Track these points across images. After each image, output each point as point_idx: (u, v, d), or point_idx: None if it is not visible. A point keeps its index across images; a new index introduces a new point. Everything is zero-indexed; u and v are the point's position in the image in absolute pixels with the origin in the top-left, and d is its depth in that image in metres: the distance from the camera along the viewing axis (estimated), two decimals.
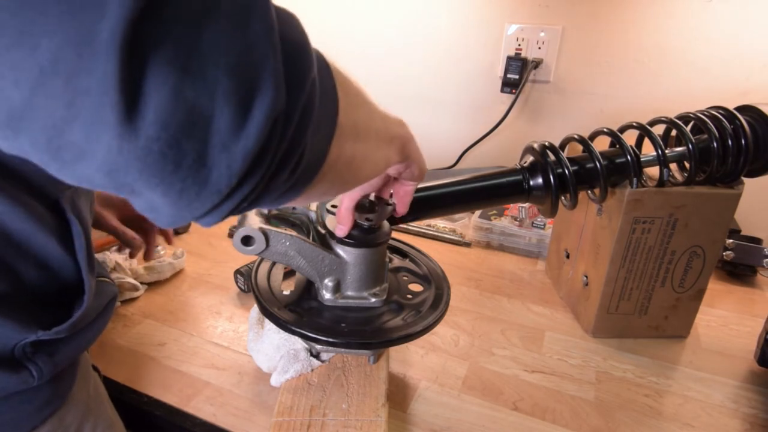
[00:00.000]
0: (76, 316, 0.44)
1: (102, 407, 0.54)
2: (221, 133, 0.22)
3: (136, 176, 0.22)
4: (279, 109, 0.23)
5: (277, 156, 0.25)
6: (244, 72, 0.22)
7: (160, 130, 0.21)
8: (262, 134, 0.23)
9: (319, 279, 0.58)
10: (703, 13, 1.00)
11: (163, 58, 0.20)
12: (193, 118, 0.21)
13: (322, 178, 0.31)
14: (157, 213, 0.25)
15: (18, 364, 0.42)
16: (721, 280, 0.95)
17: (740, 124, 0.67)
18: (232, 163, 0.23)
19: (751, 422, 0.64)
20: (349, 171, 0.35)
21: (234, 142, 0.22)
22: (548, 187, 0.65)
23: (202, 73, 0.21)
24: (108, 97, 0.20)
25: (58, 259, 0.44)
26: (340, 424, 0.55)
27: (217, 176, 0.23)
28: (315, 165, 0.29)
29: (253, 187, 0.25)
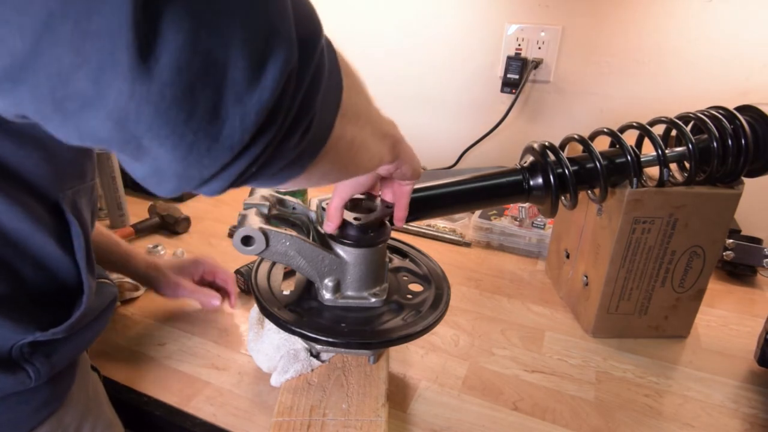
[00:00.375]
0: (75, 317, 0.44)
1: (101, 408, 0.54)
2: (236, 84, 0.22)
3: (147, 126, 0.21)
4: (293, 65, 0.23)
5: (289, 117, 0.24)
6: (261, 25, 0.22)
7: (175, 74, 0.20)
8: (276, 89, 0.23)
9: (319, 279, 0.58)
10: (703, 13, 1.00)
11: (178, 7, 0.19)
12: (208, 66, 0.20)
13: (325, 156, 0.30)
14: (161, 177, 0.24)
15: (15, 365, 0.42)
16: (721, 280, 0.95)
17: (740, 124, 0.67)
18: (246, 116, 0.22)
19: (751, 422, 0.64)
20: (349, 155, 0.35)
21: (249, 94, 0.22)
22: (548, 187, 0.65)
23: (218, 21, 0.20)
24: (121, 39, 0.19)
25: (56, 260, 0.43)
26: (340, 424, 0.55)
27: (229, 130, 0.22)
28: (321, 137, 0.29)
29: (263, 147, 0.24)
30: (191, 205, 1.15)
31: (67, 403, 0.48)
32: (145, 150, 0.22)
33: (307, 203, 0.63)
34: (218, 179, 0.25)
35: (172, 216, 1.02)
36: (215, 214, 1.13)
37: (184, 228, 1.03)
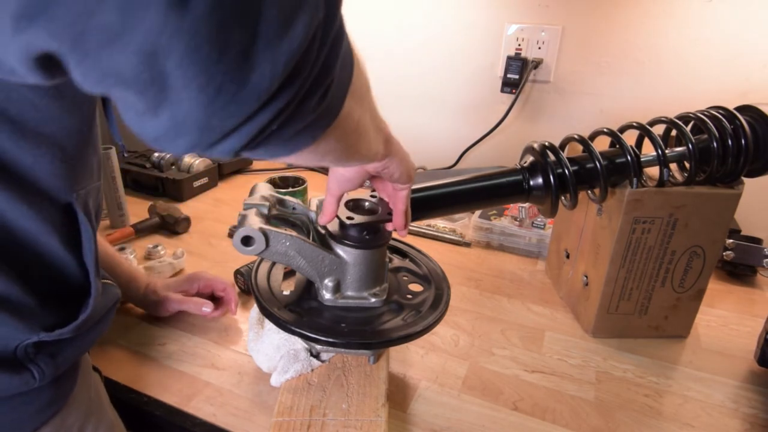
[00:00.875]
0: (82, 318, 0.44)
1: (103, 408, 0.54)
2: (270, 28, 0.21)
3: (177, 63, 0.20)
4: (320, 20, 0.23)
5: (312, 74, 0.25)
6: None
7: (211, 9, 0.19)
8: (305, 39, 0.22)
9: (319, 279, 0.58)
10: (702, 13, 1.00)
11: None
12: (245, 6, 0.20)
13: (334, 131, 0.30)
14: (180, 129, 0.23)
15: (19, 365, 0.42)
16: (721, 280, 0.95)
17: (740, 124, 0.67)
18: (276, 63, 0.22)
19: (751, 422, 0.64)
20: (354, 136, 0.35)
21: (280, 40, 0.22)
22: (548, 187, 0.65)
23: None
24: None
25: (64, 261, 0.43)
26: (340, 424, 0.55)
27: (258, 76, 0.22)
28: (335, 106, 0.29)
29: (286, 102, 0.24)
30: (191, 205, 1.16)
31: (69, 404, 0.48)
32: (167, 94, 0.21)
33: (307, 203, 0.63)
34: (238, 134, 0.24)
35: (172, 216, 1.02)
36: (215, 214, 1.13)
37: (184, 228, 1.03)
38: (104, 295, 0.50)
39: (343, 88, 0.29)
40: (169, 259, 0.89)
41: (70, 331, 0.43)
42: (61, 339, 0.43)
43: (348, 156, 0.37)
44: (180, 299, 0.74)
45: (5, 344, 0.41)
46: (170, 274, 0.87)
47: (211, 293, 0.78)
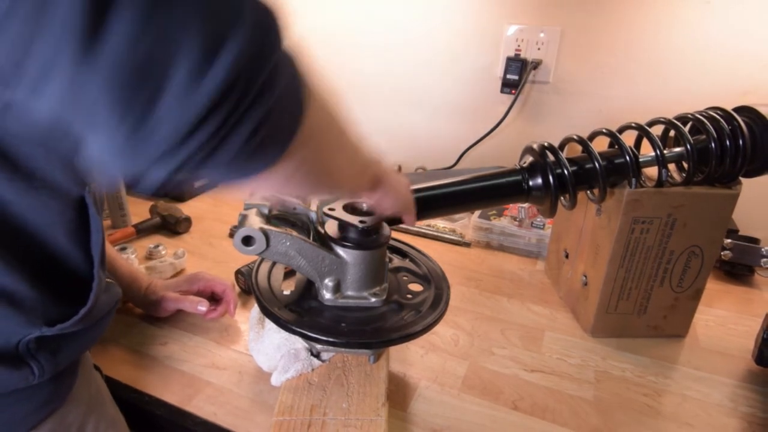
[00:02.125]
0: (82, 312, 0.44)
1: (104, 406, 0.55)
2: (177, 85, 0.22)
3: (86, 110, 0.21)
4: (238, 77, 0.23)
5: (236, 111, 0.25)
6: (217, 24, 0.22)
7: (121, 57, 0.20)
8: (219, 88, 0.23)
9: (320, 279, 0.58)
10: (702, 13, 1.00)
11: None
12: (154, 58, 0.21)
13: (278, 170, 0.30)
14: (104, 163, 0.24)
15: (20, 361, 0.42)
16: (719, 279, 0.96)
17: (738, 124, 0.67)
18: (184, 113, 0.23)
19: (749, 421, 0.64)
20: (314, 171, 0.35)
21: (188, 94, 0.22)
22: (547, 188, 0.66)
23: (173, 11, 0.21)
24: (73, 20, 0.19)
25: (70, 253, 0.44)
26: (341, 424, 0.55)
27: (165, 125, 0.23)
28: (273, 153, 0.29)
29: (204, 140, 0.24)
30: (192, 205, 1.16)
31: (69, 402, 0.48)
32: (86, 134, 0.23)
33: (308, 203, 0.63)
34: (159, 167, 0.25)
35: (173, 216, 1.03)
36: (216, 214, 1.13)
37: (184, 228, 1.04)
38: (107, 293, 0.50)
39: (287, 126, 0.29)
40: (170, 259, 0.89)
41: (70, 326, 0.44)
42: (62, 335, 0.44)
43: (312, 190, 0.38)
44: (176, 298, 0.74)
45: (7, 339, 0.41)
46: (171, 273, 0.87)
47: (211, 294, 0.78)
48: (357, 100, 1.37)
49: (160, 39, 0.21)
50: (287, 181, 0.33)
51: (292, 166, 0.31)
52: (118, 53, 0.20)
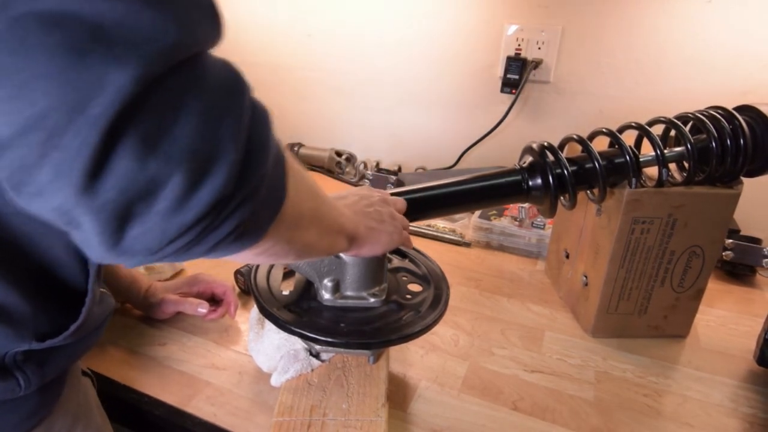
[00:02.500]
0: (72, 328, 0.44)
1: (91, 414, 0.54)
2: (166, 207, 0.24)
3: (85, 221, 0.24)
4: (220, 200, 0.26)
5: (206, 233, 0.27)
6: (201, 164, 0.24)
7: (116, 196, 0.23)
8: (199, 216, 0.25)
9: (319, 279, 0.58)
10: (703, 13, 1.00)
11: (136, 139, 0.22)
12: (145, 192, 0.23)
13: (256, 249, 0.33)
14: (89, 249, 0.26)
15: (6, 372, 0.41)
16: (720, 279, 0.96)
17: (739, 124, 0.67)
18: (165, 232, 0.25)
19: (750, 422, 0.64)
20: (286, 250, 0.37)
21: (173, 217, 0.25)
22: (547, 188, 0.66)
23: (165, 156, 0.23)
24: (78, 162, 0.22)
25: (66, 266, 0.43)
26: (340, 424, 0.55)
27: (152, 238, 0.25)
28: (250, 239, 0.31)
29: (176, 249, 0.27)
30: None
31: (57, 410, 0.47)
32: (78, 229, 0.25)
33: None
34: (137, 262, 0.27)
35: None
36: None
37: None
38: (100, 304, 0.49)
39: (267, 217, 0.31)
40: None
41: (60, 341, 0.43)
42: (51, 348, 0.43)
43: (292, 259, 0.40)
44: (176, 300, 0.74)
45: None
46: (171, 273, 0.87)
47: (211, 296, 0.78)
48: (357, 101, 1.37)
49: (151, 180, 0.23)
50: (258, 257, 0.35)
51: (267, 245, 0.33)
52: (113, 193, 0.23)
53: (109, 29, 0.21)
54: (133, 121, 0.22)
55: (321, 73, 1.38)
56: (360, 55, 1.31)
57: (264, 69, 1.42)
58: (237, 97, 0.26)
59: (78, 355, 0.50)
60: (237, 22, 1.40)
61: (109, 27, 0.21)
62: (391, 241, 0.54)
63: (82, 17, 0.21)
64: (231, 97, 0.26)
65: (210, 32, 0.25)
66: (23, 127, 0.21)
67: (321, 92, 1.40)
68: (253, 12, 1.38)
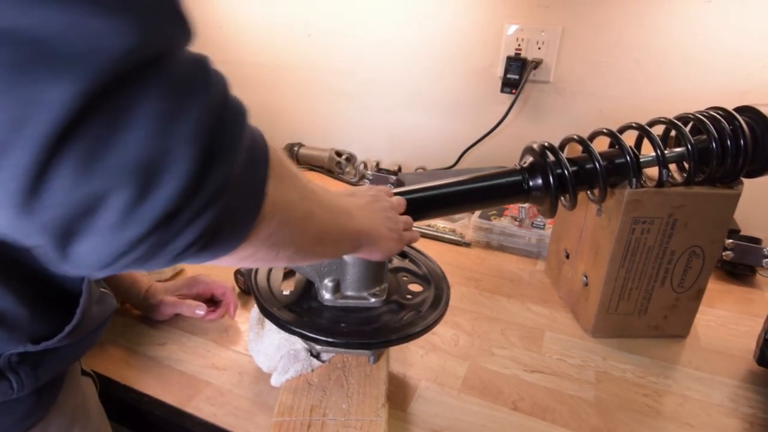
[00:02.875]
0: (67, 330, 0.43)
1: (88, 415, 0.54)
2: (111, 220, 0.23)
3: (35, 239, 0.23)
4: (170, 212, 0.24)
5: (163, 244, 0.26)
6: (148, 176, 0.23)
7: (56, 214, 0.22)
8: (146, 231, 0.24)
9: (319, 279, 0.58)
10: (702, 13, 1.00)
11: (76, 156, 0.21)
12: (86, 209, 0.23)
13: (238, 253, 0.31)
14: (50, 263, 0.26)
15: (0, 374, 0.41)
16: (720, 280, 0.96)
17: (739, 124, 0.67)
18: (114, 247, 0.24)
19: (750, 422, 0.64)
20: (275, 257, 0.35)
21: (118, 233, 0.24)
22: (548, 188, 0.66)
23: (107, 171, 0.22)
24: (16, 182, 0.21)
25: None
26: (341, 424, 0.55)
27: (100, 254, 0.24)
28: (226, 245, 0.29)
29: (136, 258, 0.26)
30: None
31: (53, 412, 0.47)
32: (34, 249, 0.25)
33: None
34: (92, 274, 0.27)
35: None
36: None
37: None
38: (100, 304, 0.49)
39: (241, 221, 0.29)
40: None
41: (55, 343, 0.43)
42: (45, 350, 0.43)
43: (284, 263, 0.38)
44: (174, 302, 0.74)
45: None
46: (171, 273, 0.87)
47: (211, 297, 0.78)
48: (357, 101, 1.37)
49: (92, 196, 0.22)
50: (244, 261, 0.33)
51: (248, 251, 0.31)
52: (53, 211, 0.22)
53: (51, 43, 0.20)
54: (74, 137, 0.21)
55: (321, 73, 1.38)
56: (360, 55, 1.31)
57: (264, 69, 1.42)
58: (197, 98, 0.25)
59: (74, 358, 0.49)
60: (237, 22, 1.40)
61: (52, 40, 0.20)
62: (398, 246, 0.53)
63: (24, 32, 0.20)
64: (190, 99, 0.24)
65: (173, 32, 0.24)
66: None
67: (321, 92, 1.40)
68: (252, 12, 1.38)
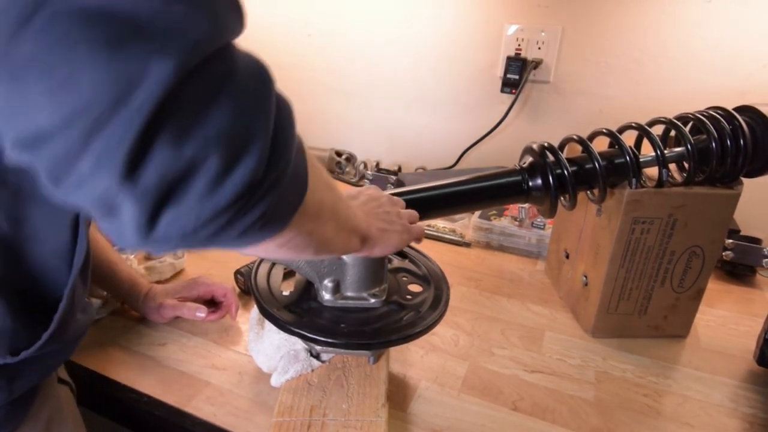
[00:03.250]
0: (45, 337, 0.43)
1: (64, 424, 0.53)
2: (203, 185, 0.25)
3: (127, 207, 0.24)
4: (252, 183, 0.26)
5: (237, 217, 0.27)
6: (234, 149, 0.25)
7: (157, 180, 0.24)
8: (230, 201, 0.26)
9: (319, 280, 0.58)
10: (702, 13, 1.00)
11: (174, 126, 0.23)
12: (183, 175, 0.24)
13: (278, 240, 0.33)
14: (123, 237, 0.26)
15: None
16: (720, 280, 0.96)
17: (739, 124, 0.67)
18: (202, 213, 0.26)
19: (750, 422, 0.64)
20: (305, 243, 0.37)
21: (208, 199, 0.25)
22: (547, 188, 0.66)
23: (202, 140, 0.24)
24: (121, 151, 0.22)
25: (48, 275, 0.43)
26: (340, 424, 0.55)
27: (187, 222, 0.26)
28: (274, 228, 0.31)
29: (211, 232, 0.27)
30: None
31: (25, 422, 0.47)
32: (116, 215, 0.25)
33: None
34: (165, 248, 0.27)
35: None
36: None
37: None
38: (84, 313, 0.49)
39: (290, 204, 0.31)
40: (169, 259, 0.89)
41: (34, 351, 0.43)
42: (22, 362, 0.43)
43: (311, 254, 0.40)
44: (175, 305, 0.74)
45: None
46: (171, 274, 0.87)
47: (212, 298, 0.78)
48: (357, 101, 1.37)
49: (189, 163, 0.24)
50: (279, 249, 0.35)
51: (289, 235, 0.33)
52: (154, 178, 0.23)
53: (146, 22, 0.22)
54: (172, 110, 0.23)
55: (321, 73, 1.37)
56: (360, 55, 1.31)
57: None
58: (265, 86, 0.27)
59: (51, 369, 0.49)
60: None
61: (146, 20, 0.22)
62: (400, 241, 0.53)
63: (120, 12, 0.21)
64: (260, 86, 0.27)
65: (235, 23, 0.26)
66: (67, 118, 0.22)
67: (321, 92, 1.40)
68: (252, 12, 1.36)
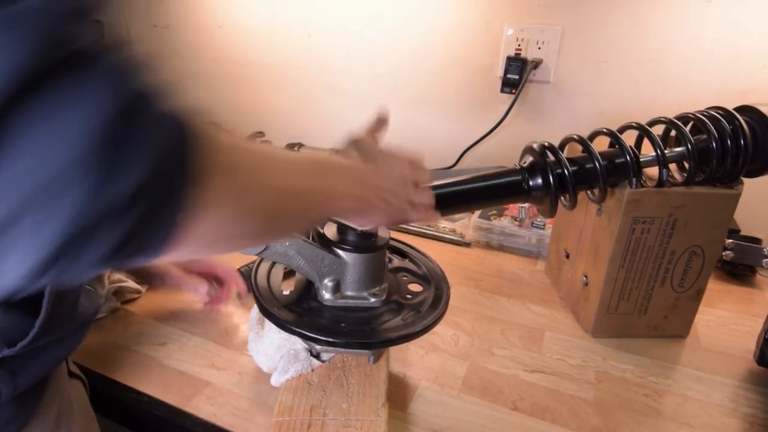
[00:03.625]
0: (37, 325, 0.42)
1: (74, 419, 0.53)
2: (26, 236, 0.23)
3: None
4: (72, 236, 0.23)
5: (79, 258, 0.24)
6: (44, 200, 0.22)
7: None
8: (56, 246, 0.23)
9: (319, 279, 0.58)
10: (702, 13, 1.00)
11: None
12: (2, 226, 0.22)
13: (186, 241, 0.28)
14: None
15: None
16: (720, 280, 0.96)
17: (739, 124, 0.67)
18: (40, 258, 0.23)
19: (750, 422, 0.64)
20: (249, 225, 0.33)
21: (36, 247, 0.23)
22: (548, 188, 0.66)
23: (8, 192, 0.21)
24: None
25: None
26: (340, 424, 0.55)
27: (22, 270, 0.24)
28: (155, 246, 0.27)
29: (58, 273, 0.25)
30: None
31: (35, 417, 0.47)
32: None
33: None
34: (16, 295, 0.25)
35: None
36: None
37: None
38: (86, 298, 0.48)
39: (164, 222, 0.26)
40: None
41: (33, 340, 0.42)
42: (23, 354, 0.42)
43: (268, 236, 0.35)
44: (179, 275, 0.73)
45: None
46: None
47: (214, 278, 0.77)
48: (357, 101, 1.37)
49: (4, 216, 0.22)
50: (211, 244, 0.30)
51: (204, 229, 0.28)
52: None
53: None
54: None
55: (321, 73, 1.37)
56: (360, 55, 1.31)
57: (264, 69, 1.42)
58: (100, 101, 0.22)
59: (56, 362, 0.49)
60: (237, 22, 1.40)
61: None
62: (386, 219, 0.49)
63: None
64: (88, 101, 0.22)
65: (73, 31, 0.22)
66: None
67: (321, 92, 1.40)
68: (253, 12, 1.38)
